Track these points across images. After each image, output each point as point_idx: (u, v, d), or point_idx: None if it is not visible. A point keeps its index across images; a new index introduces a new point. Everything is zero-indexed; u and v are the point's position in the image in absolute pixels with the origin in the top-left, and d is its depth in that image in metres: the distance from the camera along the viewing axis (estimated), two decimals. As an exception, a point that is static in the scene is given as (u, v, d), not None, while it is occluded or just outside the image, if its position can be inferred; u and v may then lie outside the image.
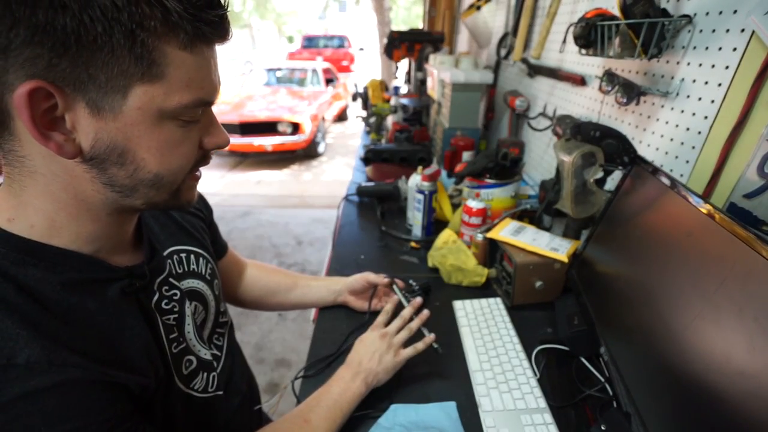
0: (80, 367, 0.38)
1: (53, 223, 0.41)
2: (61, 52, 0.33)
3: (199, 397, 0.56)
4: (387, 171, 1.54)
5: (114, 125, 0.37)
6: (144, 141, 0.39)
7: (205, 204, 0.73)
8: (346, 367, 0.65)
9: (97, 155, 0.38)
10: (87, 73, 0.34)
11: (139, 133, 0.39)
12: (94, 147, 0.38)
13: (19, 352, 0.35)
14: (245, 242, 3.12)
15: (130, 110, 0.37)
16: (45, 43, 0.32)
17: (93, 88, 0.35)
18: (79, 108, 0.36)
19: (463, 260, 0.95)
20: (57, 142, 0.36)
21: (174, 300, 0.54)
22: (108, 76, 0.35)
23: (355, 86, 2.95)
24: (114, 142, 0.38)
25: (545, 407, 0.65)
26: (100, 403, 0.39)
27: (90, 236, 0.44)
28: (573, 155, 0.81)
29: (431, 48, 2.26)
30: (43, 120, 0.35)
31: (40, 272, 0.39)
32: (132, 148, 0.39)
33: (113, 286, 0.45)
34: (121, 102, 0.37)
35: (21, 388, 0.34)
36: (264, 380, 1.87)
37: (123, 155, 0.39)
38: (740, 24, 0.63)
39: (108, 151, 0.38)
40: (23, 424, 0.34)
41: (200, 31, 0.38)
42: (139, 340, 0.46)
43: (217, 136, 0.46)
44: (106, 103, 0.36)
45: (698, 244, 0.50)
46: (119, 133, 0.38)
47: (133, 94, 0.37)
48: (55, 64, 0.33)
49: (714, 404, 0.42)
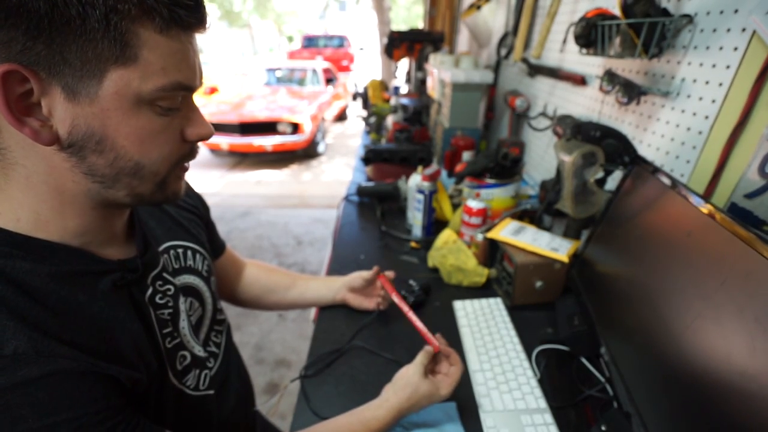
0: (69, 358, 0.37)
1: (38, 216, 0.41)
2: (35, 35, 0.33)
3: (191, 394, 0.56)
4: (387, 171, 1.54)
5: (90, 110, 0.37)
6: (122, 128, 0.39)
7: (202, 202, 0.73)
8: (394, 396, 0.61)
9: (74, 142, 0.38)
10: (62, 57, 0.34)
11: (116, 119, 0.38)
12: (71, 133, 0.38)
13: (6, 343, 0.35)
14: (245, 242, 3.11)
15: (106, 95, 0.37)
16: (19, 26, 0.32)
17: (68, 72, 0.35)
18: (55, 93, 0.36)
19: (463, 260, 0.95)
20: (32, 128, 0.36)
21: (168, 295, 0.54)
22: (83, 59, 0.35)
23: (355, 86, 2.95)
24: (91, 128, 0.38)
25: (545, 407, 0.65)
26: (91, 395, 0.38)
27: (77, 230, 0.44)
28: (573, 155, 0.81)
29: (431, 48, 2.26)
30: (18, 105, 0.35)
31: (28, 264, 0.39)
32: (110, 135, 0.39)
33: (104, 279, 0.45)
34: (97, 87, 0.37)
35: (8, 379, 0.34)
36: (264, 380, 1.87)
37: (101, 142, 0.39)
38: (741, 23, 0.63)
39: (86, 138, 0.38)
40: (11, 415, 0.34)
41: (176, 14, 0.38)
42: (130, 334, 0.45)
43: (199, 126, 0.45)
44: (82, 88, 0.36)
45: (699, 244, 0.50)
46: (96, 119, 0.38)
47: (108, 78, 0.37)
48: (30, 48, 0.33)
49: (714, 404, 0.42)
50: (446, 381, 0.63)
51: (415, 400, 0.60)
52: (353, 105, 7.40)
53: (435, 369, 0.66)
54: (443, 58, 1.67)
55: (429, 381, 0.62)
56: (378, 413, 0.58)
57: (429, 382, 0.61)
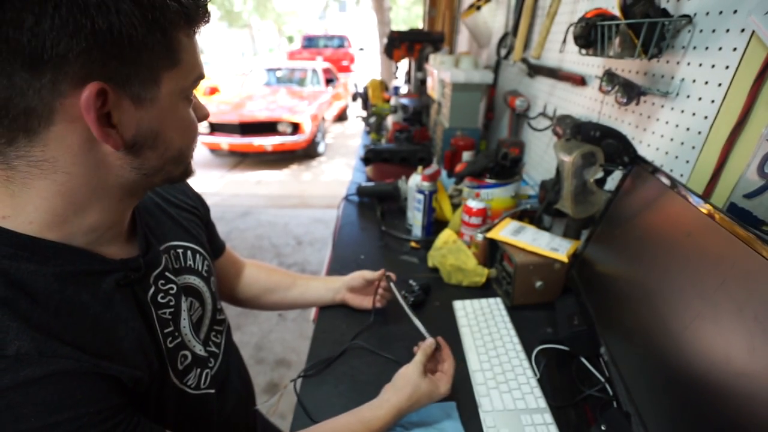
0: (71, 358, 0.38)
1: (56, 218, 0.41)
2: (114, 53, 0.36)
3: (192, 393, 0.56)
4: (387, 171, 1.54)
5: (152, 113, 0.41)
6: (171, 122, 0.44)
7: (202, 202, 0.73)
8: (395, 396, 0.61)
9: (136, 142, 0.41)
10: (133, 70, 0.38)
11: (169, 115, 0.43)
12: (135, 135, 0.41)
13: (9, 344, 0.35)
14: (245, 242, 3.11)
15: (163, 97, 0.41)
16: (103, 47, 0.35)
17: (136, 82, 0.39)
18: (125, 102, 0.39)
19: (463, 260, 0.95)
20: (113, 137, 0.39)
21: (170, 294, 0.54)
22: (148, 70, 0.39)
23: (355, 86, 2.95)
24: (151, 128, 0.42)
25: (545, 407, 0.65)
26: (93, 395, 0.39)
27: (91, 227, 0.44)
28: (573, 155, 0.81)
29: (431, 48, 2.26)
30: (100, 119, 0.37)
31: (32, 266, 0.40)
32: (163, 131, 0.43)
33: (108, 278, 0.45)
34: (157, 91, 0.41)
35: (11, 379, 0.35)
36: (264, 380, 1.87)
37: (156, 138, 0.43)
38: (740, 24, 0.63)
39: (145, 137, 0.42)
40: (14, 415, 0.35)
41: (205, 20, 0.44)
42: (133, 333, 0.46)
43: (201, 108, 0.51)
44: (146, 95, 0.40)
45: (698, 244, 0.50)
46: (155, 120, 0.42)
47: (163, 82, 0.41)
48: (108, 65, 0.36)
49: (714, 404, 0.42)
50: (444, 378, 0.64)
51: (416, 398, 0.60)
52: (353, 105, 7.40)
53: (433, 368, 0.67)
54: (443, 58, 1.67)
55: (428, 379, 0.62)
56: (378, 413, 0.59)
57: (429, 380, 0.62)
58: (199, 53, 0.45)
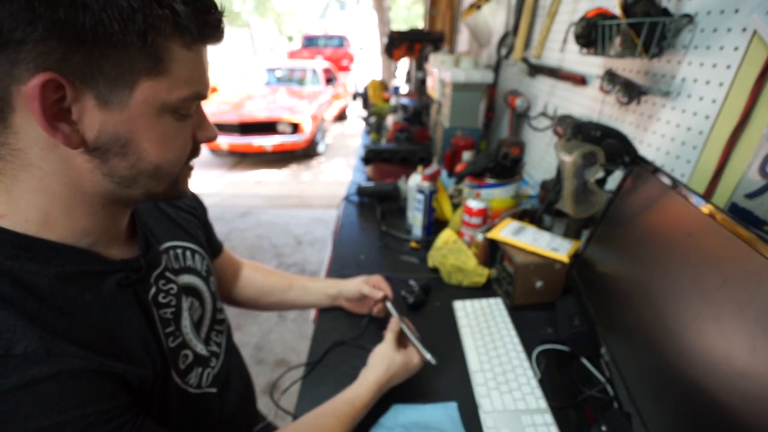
0: (78, 357, 0.38)
1: (47, 217, 0.41)
2: (76, 47, 0.34)
3: (193, 392, 0.56)
4: (387, 171, 1.54)
5: (119, 117, 0.39)
6: (146, 133, 0.41)
7: (200, 203, 0.73)
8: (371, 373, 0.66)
9: (100, 146, 0.40)
10: (98, 68, 0.36)
11: (142, 125, 0.40)
12: (98, 138, 0.39)
13: (17, 343, 0.35)
14: (245, 242, 3.11)
15: (135, 103, 0.39)
16: (62, 39, 0.34)
17: (102, 81, 0.37)
18: (87, 100, 0.37)
19: (463, 260, 0.95)
20: (64, 133, 0.37)
21: (171, 294, 0.54)
22: (118, 71, 0.37)
23: (355, 86, 2.95)
24: (118, 133, 0.40)
25: (546, 408, 0.65)
26: (99, 394, 0.39)
27: (85, 230, 0.44)
28: (574, 155, 0.81)
29: (431, 47, 2.25)
30: (51, 111, 0.36)
31: (35, 266, 0.40)
32: (135, 140, 0.41)
33: (109, 278, 0.45)
34: (128, 96, 0.38)
35: (20, 378, 0.35)
36: (264, 380, 1.87)
37: (126, 146, 0.41)
38: (742, 23, 0.63)
39: (111, 142, 0.40)
40: (22, 414, 0.35)
41: (204, 32, 0.41)
42: (136, 332, 0.46)
43: (208, 130, 0.48)
44: (114, 97, 0.38)
45: (699, 244, 0.50)
46: (123, 125, 0.40)
47: (139, 88, 0.39)
48: (69, 58, 0.35)
49: (715, 405, 0.42)
50: (413, 351, 0.68)
51: (393, 371, 0.65)
52: (353, 105, 7.40)
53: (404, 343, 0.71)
54: (443, 58, 1.67)
55: (402, 352, 0.67)
56: (359, 391, 0.62)
57: (402, 352, 0.67)
58: (203, 71, 0.43)
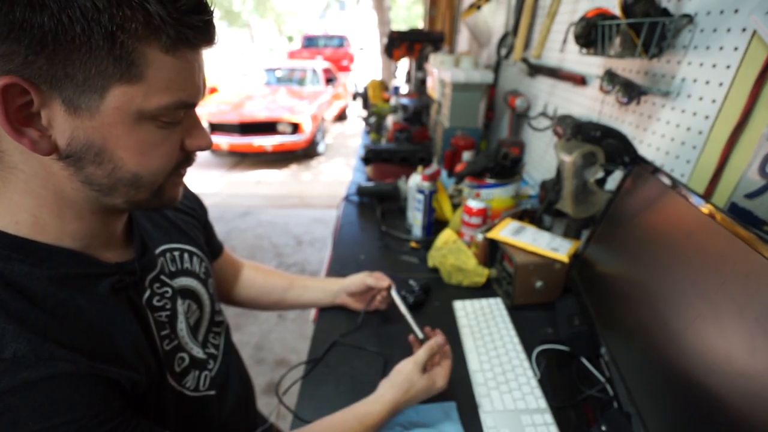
0: (69, 361, 0.37)
1: (37, 219, 0.41)
2: (38, 49, 0.33)
3: (191, 395, 0.56)
4: (387, 171, 1.54)
5: (90, 124, 0.37)
6: (122, 141, 0.39)
7: (200, 204, 0.73)
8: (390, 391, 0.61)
9: (73, 153, 0.38)
10: (64, 72, 0.34)
11: (116, 132, 0.39)
12: (70, 144, 0.38)
13: (6, 347, 0.35)
14: (245, 242, 3.11)
15: (107, 110, 0.37)
16: (21, 40, 0.32)
17: (70, 86, 0.35)
18: (55, 105, 0.36)
19: (463, 260, 0.95)
20: (31, 138, 0.36)
21: (166, 297, 0.54)
22: (86, 75, 0.35)
23: (355, 86, 2.95)
24: (90, 140, 0.38)
25: (546, 408, 0.65)
26: (90, 398, 0.38)
27: (76, 233, 0.44)
28: (573, 155, 0.81)
29: (431, 47, 2.25)
30: (17, 116, 0.35)
31: (27, 268, 0.39)
32: (109, 148, 0.39)
33: (103, 282, 0.45)
34: (99, 101, 0.37)
35: (8, 382, 0.34)
36: (264, 380, 1.87)
37: (100, 154, 0.39)
38: (741, 23, 0.63)
39: (84, 150, 0.39)
40: (11, 418, 0.34)
41: (183, 35, 0.38)
42: (129, 336, 0.45)
43: (199, 138, 0.46)
44: (83, 102, 0.36)
45: (699, 245, 0.50)
46: (96, 132, 0.38)
47: (111, 94, 0.37)
48: (32, 61, 0.33)
49: (715, 405, 0.42)
50: (441, 373, 0.64)
51: (412, 394, 0.61)
52: (353, 105, 7.40)
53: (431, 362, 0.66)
54: (443, 58, 1.67)
55: (426, 376, 0.62)
56: (373, 408, 0.59)
57: (426, 377, 0.62)
58: (189, 77, 0.40)
